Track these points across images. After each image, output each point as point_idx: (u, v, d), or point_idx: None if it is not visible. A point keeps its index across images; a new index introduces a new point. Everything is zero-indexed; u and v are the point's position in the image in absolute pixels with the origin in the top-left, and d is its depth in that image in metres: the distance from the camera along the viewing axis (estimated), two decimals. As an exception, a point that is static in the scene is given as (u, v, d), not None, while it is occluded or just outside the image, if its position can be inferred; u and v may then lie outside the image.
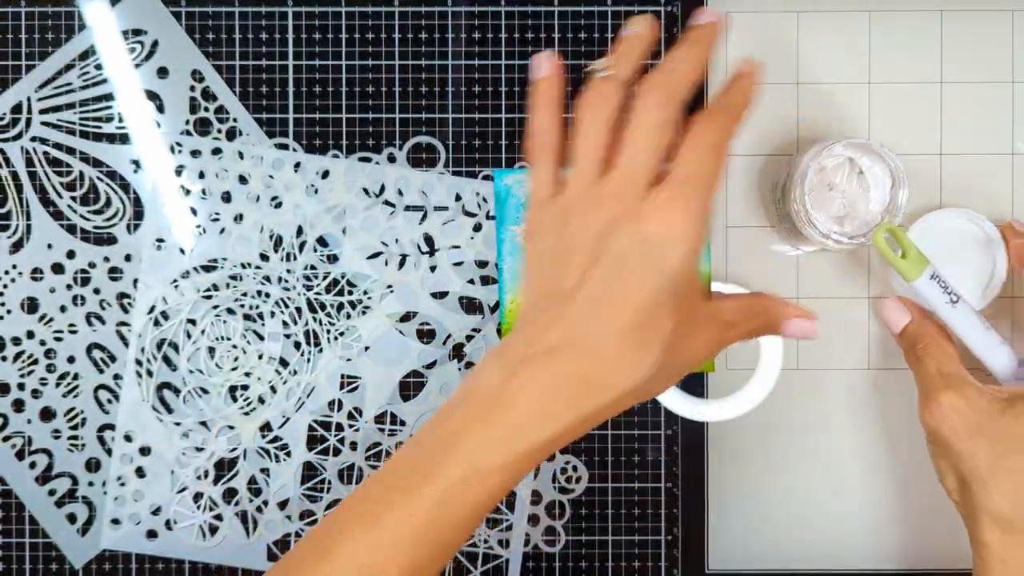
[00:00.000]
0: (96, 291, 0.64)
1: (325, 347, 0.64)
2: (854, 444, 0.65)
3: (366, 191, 0.64)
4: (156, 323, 0.63)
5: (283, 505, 0.64)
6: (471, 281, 0.64)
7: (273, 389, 0.63)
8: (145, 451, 0.64)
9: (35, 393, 0.64)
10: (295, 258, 0.63)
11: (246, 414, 0.63)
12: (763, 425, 0.65)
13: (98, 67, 0.64)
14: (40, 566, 0.63)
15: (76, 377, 0.64)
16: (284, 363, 0.64)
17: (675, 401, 0.63)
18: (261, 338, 0.64)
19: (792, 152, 0.65)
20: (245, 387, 0.64)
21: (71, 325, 0.64)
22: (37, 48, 0.64)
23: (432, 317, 0.64)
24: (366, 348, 0.64)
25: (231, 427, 0.64)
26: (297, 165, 0.64)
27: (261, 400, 0.63)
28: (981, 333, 0.59)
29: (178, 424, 0.63)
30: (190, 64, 0.64)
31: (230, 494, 0.64)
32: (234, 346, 0.63)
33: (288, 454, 0.64)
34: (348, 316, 0.64)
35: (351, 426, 0.64)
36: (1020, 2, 0.65)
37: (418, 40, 0.64)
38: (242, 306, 0.63)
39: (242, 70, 0.64)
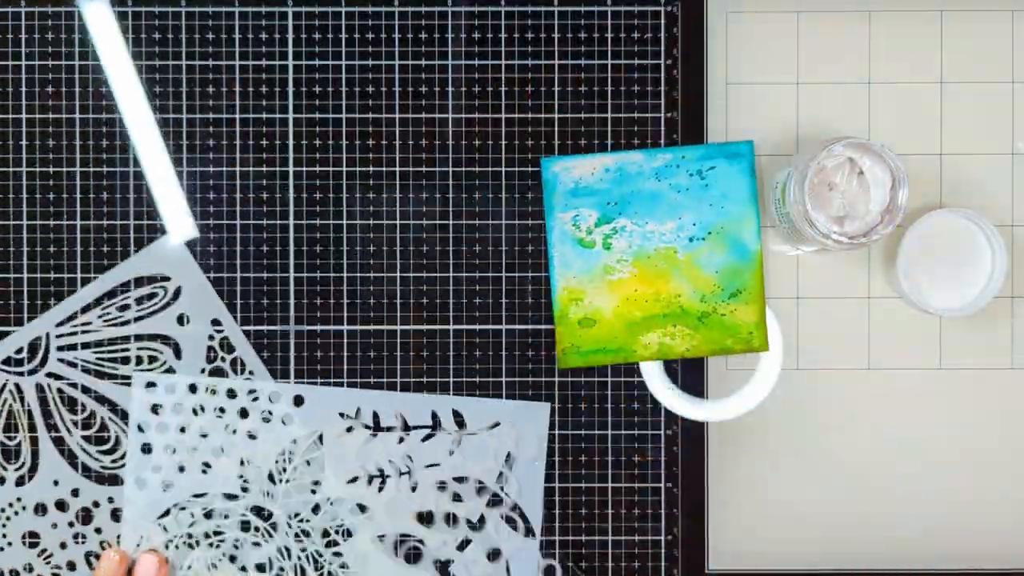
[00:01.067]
0: (97, 530, 0.64)
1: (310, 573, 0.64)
2: (854, 444, 0.65)
3: (341, 415, 0.64)
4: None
5: None
6: (455, 497, 0.64)
7: None
8: None
9: None
10: (276, 489, 0.63)
11: None
12: (763, 425, 0.65)
13: (120, 308, 0.64)
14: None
15: None
16: None
17: (675, 401, 0.63)
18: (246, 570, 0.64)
19: (792, 152, 0.65)
20: None
21: (70, 563, 0.64)
22: (37, 48, 0.64)
23: (416, 537, 0.64)
24: (353, 574, 0.64)
25: None
26: (270, 396, 0.64)
27: None
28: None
29: None
30: (211, 313, 0.64)
31: None
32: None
33: None
34: (334, 543, 0.64)
35: None
36: (1020, 2, 0.65)
37: (418, 40, 0.64)
38: (223, 542, 0.64)
39: (242, 70, 0.64)
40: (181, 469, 0.64)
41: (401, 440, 0.64)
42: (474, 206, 0.64)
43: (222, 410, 0.64)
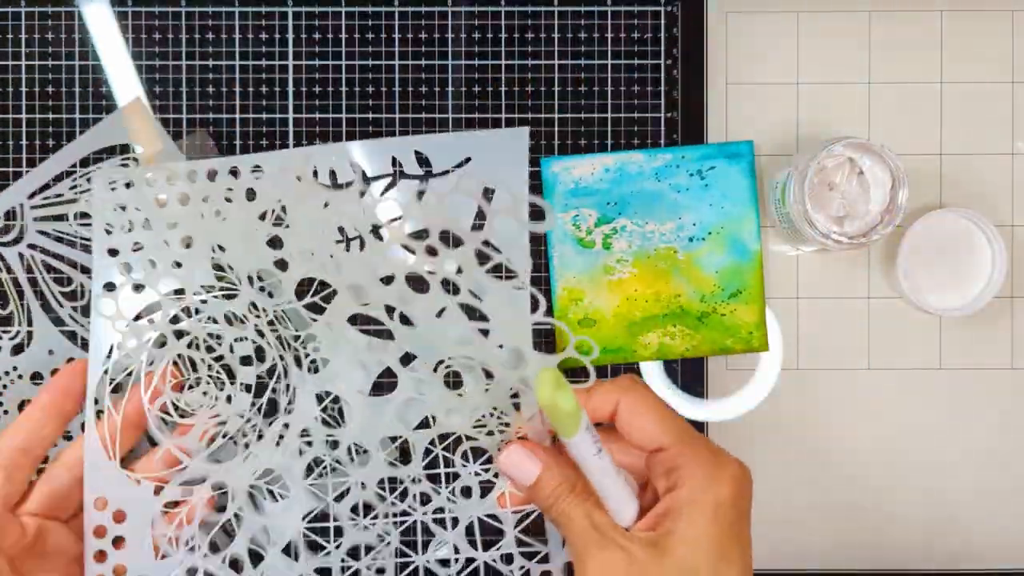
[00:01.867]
0: (95, 400, 0.60)
1: (292, 366, 0.58)
2: (854, 444, 0.65)
3: (299, 179, 0.55)
4: (113, 379, 0.59)
5: (288, 550, 0.59)
6: (429, 251, 0.50)
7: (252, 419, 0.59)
8: (119, 517, 0.58)
9: None
10: (244, 279, 0.58)
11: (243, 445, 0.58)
12: (763, 425, 0.65)
13: (89, 179, 0.62)
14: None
15: None
16: (261, 390, 0.59)
17: (675, 401, 0.63)
18: (231, 375, 0.59)
19: (792, 152, 0.65)
20: (223, 422, 0.58)
21: (67, 433, 0.62)
22: (37, 48, 0.64)
23: (389, 306, 0.54)
24: (327, 358, 0.57)
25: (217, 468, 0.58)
26: (232, 170, 0.57)
27: (246, 434, 0.59)
28: (618, 484, 0.51)
29: (152, 482, 0.57)
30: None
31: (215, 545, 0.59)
32: (204, 391, 0.59)
33: (284, 487, 0.58)
34: (305, 325, 0.58)
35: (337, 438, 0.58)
36: (1020, 2, 0.65)
37: (418, 40, 0.64)
38: (197, 341, 0.59)
39: (242, 70, 0.64)
40: (152, 264, 0.58)
41: (360, 195, 0.54)
42: (474, 206, 0.64)
43: (185, 197, 0.58)
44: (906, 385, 0.65)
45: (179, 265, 0.59)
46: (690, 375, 0.64)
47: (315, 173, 0.57)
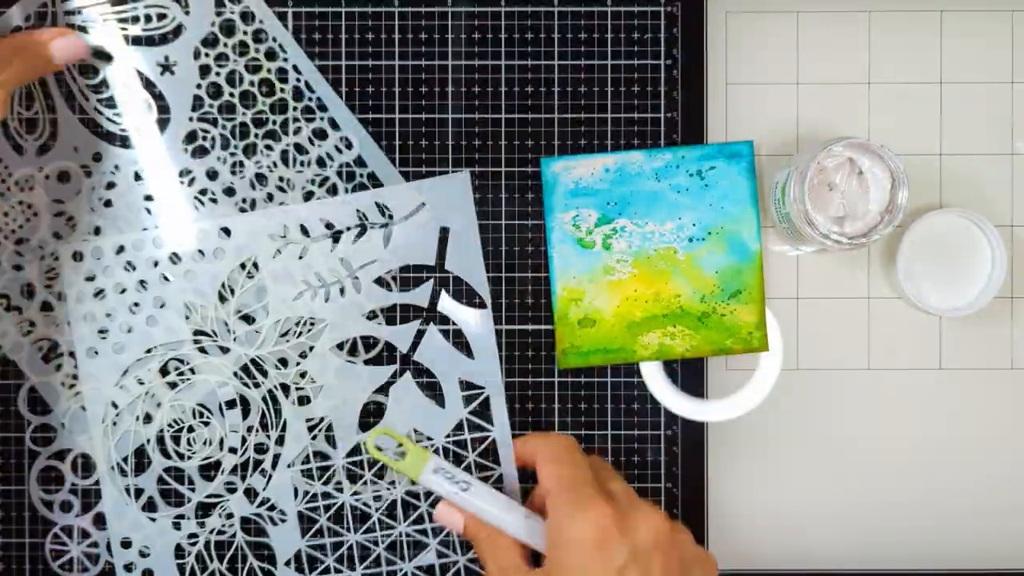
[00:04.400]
0: (108, 201, 0.62)
1: (282, 400, 0.63)
2: (853, 444, 0.65)
3: (271, 236, 0.63)
4: (113, 423, 0.63)
5: (291, 563, 0.64)
6: (403, 288, 0.63)
7: (243, 454, 0.63)
8: (145, 553, 0.63)
9: None
10: (227, 325, 0.63)
11: (231, 489, 0.63)
12: (763, 425, 0.65)
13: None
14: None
15: None
16: (249, 429, 0.63)
17: (675, 401, 0.63)
18: (218, 410, 0.63)
19: (792, 152, 0.65)
20: (218, 462, 0.63)
21: (96, 228, 0.63)
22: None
23: (371, 337, 0.63)
24: (320, 388, 0.63)
25: (220, 503, 0.63)
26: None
27: (242, 468, 0.63)
28: (505, 511, 0.59)
29: (167, 516, 0.63)
30: None
31: (242, 562, 0.64)
32: (191, 428, 0.63)
33: (282, 512, 0.63)
34: (293, 364, 0.63)
35: (330, 467, 0.63)
36: (1020, 2, 0.65)
37: (418, 40, 0.64)
38: (188, 383, 0.63)
39: (242, 70, 0.64)
40: (129, 330, 0.63)
41: (332, 248, 0.63)
42: (474, 206, 0.64)
43: (155, 263, 0.63)
44: (906, 385, 0.65)
45: (153, 323, 0.63)
46: (690, 375, 0.64)
47: (285, 229, 0.63)
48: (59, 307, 0.63)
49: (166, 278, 0.63)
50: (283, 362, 0.63)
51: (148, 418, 0.63)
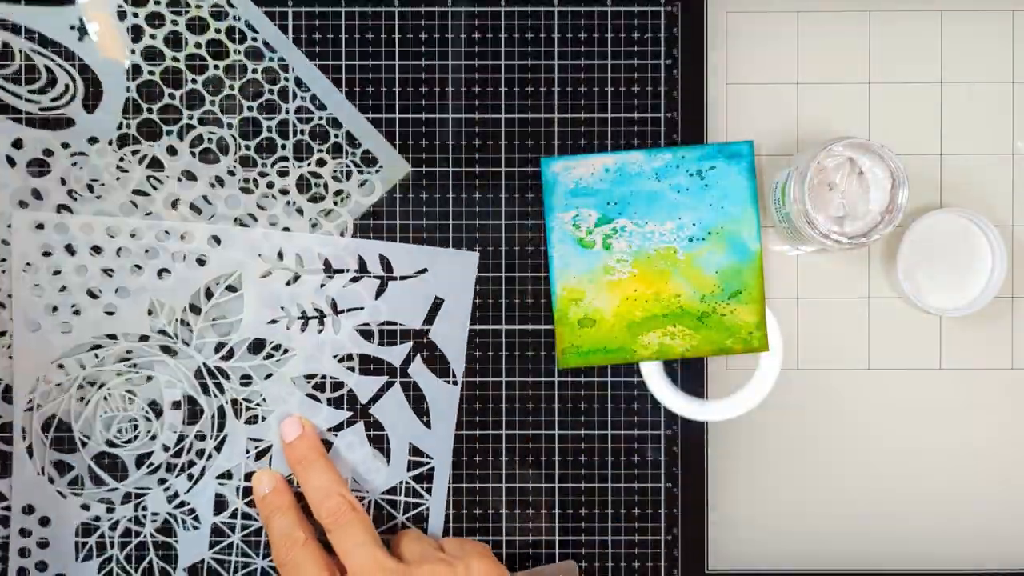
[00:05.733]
0: (63, 180, 0.57)
1: (229, 414, 0.63)
2: (854, 444, 0.65)
3: (260, 255, 0.63)
4: (38, 405, 0.62)
5: (192, 571, 0.64)
6: (380, 342, 0.63)
7: (177, 455, 0.63)
8: (45, 522, 0.63)
9: None
10: (192, 328, 0.62)
11: (161, 481, 0.63)
12: (763, 425, 0.65)
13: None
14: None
15: None
16: (186, 434, 0.63)
17: (675, 401, 0.63)
18: (158, 409, 0.63)
19: (792, 152, 0.65)
20: (149, 453, 0.63)
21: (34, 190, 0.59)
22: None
23: (337, 379, 0.63)
24: (272, 412, 0.63)
25: (138, 495, 0.63)
26: (183, 236, 0.62)
27: (169, 468, 0.63)
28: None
29: (78, 495, 0.63)
30: None
31: (139, 560, 0.63)
32: (133, 419, 0.63)
33: (196, 519, 0.63)
34: (251, 382, 0.63)
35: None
36: (1020, 2, 0.65)
37: (418, 40, 0.64)
38: (130, 380, 0.62)
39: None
40: (77, 312, 0.62)
41: (323, 284, 0.63)
42: (474, 206, 0.64)
43: (125, 250, 0.62)
44: (906, 385, 0.65)
45: (111, 313, 0.62)
46: (690, 375, 0.64)
47: (280, 255, 0.63)
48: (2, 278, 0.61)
49: (137, 267, 0.61)
50: (246, 379, 0.63)
51: (83, 400, 0.62)
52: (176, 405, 0.63)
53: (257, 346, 0.63)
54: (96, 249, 0.61)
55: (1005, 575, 0.65)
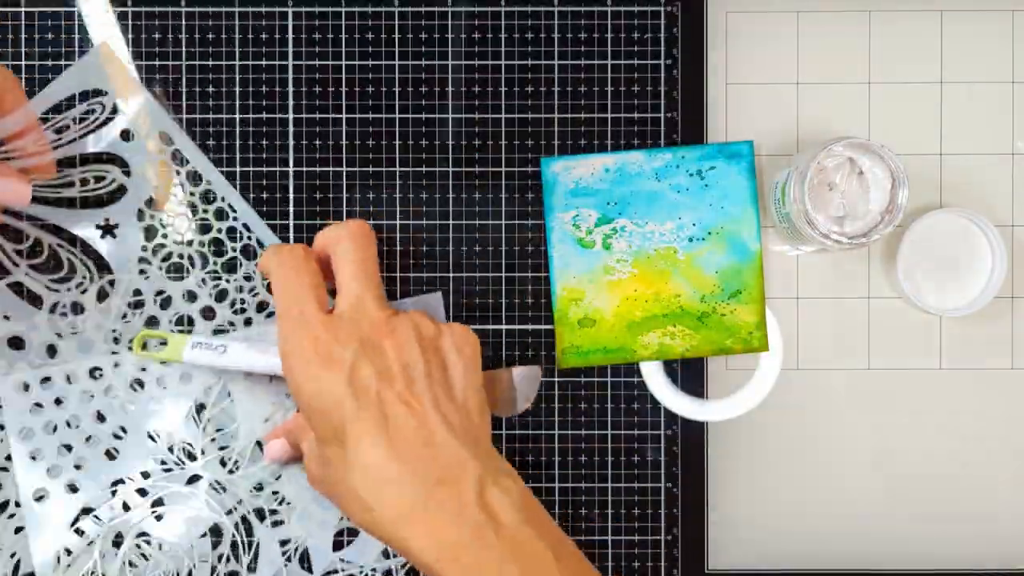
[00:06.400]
0: (68, 379, 0.61)
1: (255, 523, 0.62)
2: (854, 444, 0.65)
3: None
4: (68, 566, 0.61)
5: None
6: None
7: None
8: None
9: None
10: (194, 448, 0.62)
11: None
12: (763, 425, 0.65)
13: (57, 131, 0.62)
14: None
15: None
16: (220, 557, 0.62)
17: (675, 401, 0.63)
18: (189, 542, 0.62)
19: (792, 152, 0.65)
20: None
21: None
22: (37, 48, 0.64)
23: None
24: (294, 510, 0.63)
25: None
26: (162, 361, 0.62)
27: None
28: (264, 361, 0.60)
29: None
30: (159, 127, 0.63)
31: None
32: (167, 571, 0.62)
33: None
34: (260, 487, 0.62)
35: None
36: (1020, 2, 0.65)
37: (418, 40, 0.64)
38: (154, 514, 0.62)
39: (242, 70, 0.64)
40: (77, 467, 0.61)
41: None
42: (474, 206, 0.64)
43: (111, 389, 0.62)
44: (906, 385, 0.65)
45: (113, 456, 0.61)
46: (690, 375, 0.64)
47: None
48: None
49: (129, 405, 0.62)
50: (259, 487, 0.62)
51: (104, 557, 0.61)
52: (203, 534, 0.62)
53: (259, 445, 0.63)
54: (89, 396, 0.62)
55: (1005, 575, 0.65)
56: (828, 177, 0.61)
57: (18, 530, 0.61)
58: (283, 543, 0.62)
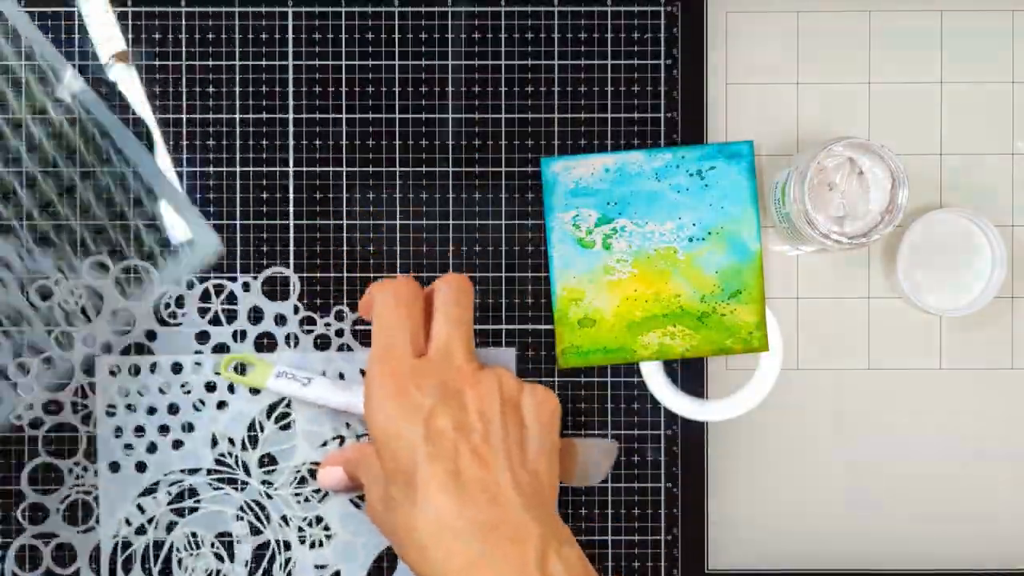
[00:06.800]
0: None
1: (294, 543, 0.63)
2: (853, 444, 0.65)
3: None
4: (122, 545, 0.63)
5: None
6: None
7: None
8: None
9: None
10: (248, 460, 0.64)
11: None
12: (763, 425, 0.65)
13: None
14: None
15: None
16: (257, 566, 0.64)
17: (675, 401, 0.63)
18: (230, 546, 0.63)
19: (792, 152, 0.65)
20: None
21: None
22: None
23: None
24: (334, 536, 0.63)
25: None
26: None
27: None
28: (349, 394, 0.62)
29: None
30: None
31: None
32: (208, 570, 0.63)
33: None
34: (307, 500, 0.64)
35: None
36: (1020, 2, 0.65)
37: (418, 40, 0.64)
38: (201, 516, 0.63)
39: (242, 70, 0.64)
40: (151, 449, 0.63)
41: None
42: (474, 206, 0.64)
43: (187, 386, 0.64)
44: (906, 385, 0.65)
45: (178, 446, 0.64)
46: (690, 375, 0.64)
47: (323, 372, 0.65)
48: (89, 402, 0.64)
49: (201, 403, 0.64)
50: (303, 508, 0.64)
51: (158, 545, 0.63)
52: (244, 539, 0.63)
53: (311, 471, 0.64)
54: (164, 388, 0.64)
55: (1005, 575, 0.65)
56: (828, 177, 0.61)
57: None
58: (318, 567, 0.63)
